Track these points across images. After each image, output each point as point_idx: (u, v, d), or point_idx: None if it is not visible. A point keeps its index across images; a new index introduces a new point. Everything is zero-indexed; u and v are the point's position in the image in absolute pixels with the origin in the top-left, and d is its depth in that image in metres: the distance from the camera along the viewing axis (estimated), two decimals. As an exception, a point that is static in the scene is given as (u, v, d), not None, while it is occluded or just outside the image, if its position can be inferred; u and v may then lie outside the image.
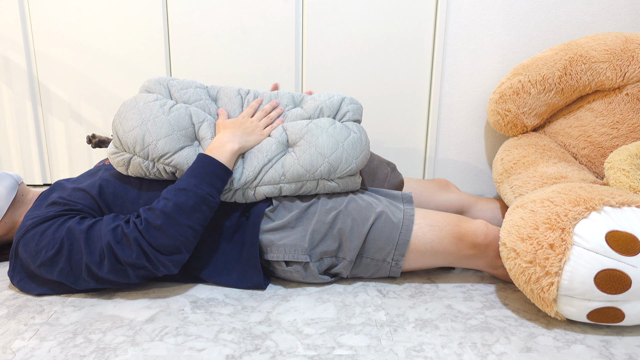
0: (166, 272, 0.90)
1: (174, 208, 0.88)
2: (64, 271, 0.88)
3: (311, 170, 0.99)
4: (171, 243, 0.88)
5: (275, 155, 1.00)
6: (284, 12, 1.44)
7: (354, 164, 1.01)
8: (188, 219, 0.89)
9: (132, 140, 0.96)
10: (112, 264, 0.87)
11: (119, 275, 0.89)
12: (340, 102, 1.07)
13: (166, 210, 0.88)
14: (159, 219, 0.87)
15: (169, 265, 0.89)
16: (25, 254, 0.90)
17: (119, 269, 0.88)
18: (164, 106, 1.00)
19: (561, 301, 0.81)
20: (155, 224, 0.87)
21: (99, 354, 0.76)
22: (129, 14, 1.44)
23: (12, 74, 1.49)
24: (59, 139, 1.54)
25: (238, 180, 0.97)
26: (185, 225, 0.89)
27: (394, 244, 0.97)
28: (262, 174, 0.99)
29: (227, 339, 0.81)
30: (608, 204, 0.83)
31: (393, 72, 1.48)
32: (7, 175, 1.05)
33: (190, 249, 0.91)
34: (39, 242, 0.88)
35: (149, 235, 0.87)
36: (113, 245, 0.86)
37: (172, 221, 0.88)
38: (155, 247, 0.87)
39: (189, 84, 1.10)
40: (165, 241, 0.87)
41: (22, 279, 0.94)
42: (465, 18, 1.43)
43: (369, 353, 0.77)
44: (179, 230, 0.88)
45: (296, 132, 1.02)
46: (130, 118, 0.98)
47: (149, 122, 0.97)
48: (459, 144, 1.54)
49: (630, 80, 1.25)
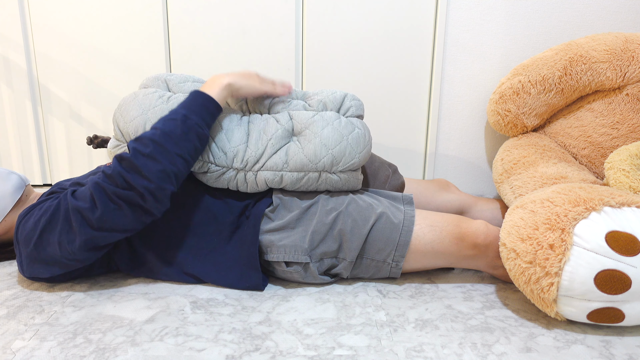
0: (157, 205, 0.88)
1: (162, 136, 0.88)
2: (64, 230, 0.87)
3: (314, 161, 0.99)
4: (161, 168, 0.86)
5: (279, 140, 1.00)
6: (284, 12, 1.44)
7: (356, 158, 1.01)
8: (177, 147, 0.89)
9: (134, 129, 0.99)
10: (105, 204, 0.85)
11: (114, 217, 0.86)
12: (343, 97, 1.08)
13: (154, 139, 0.88)
14: (148, 147, 0.87)
15: (160, 195, 0.87)
16: (24, 232, 0.90)
17: (112, 209, 0.86)
18: (162, 97, 1.03)
19: (561, 301, 0.81)
20: (144, 151, 0.86)
21: (99, 354, 0.76)
22: (129, 13, 1.44)
23: (12, 74, 1.49)
24: (59, 139, 1.54)
25: (242, 159, 0.98)
26: (174, 153, 0.88)
27: (395, 245, 0.97)
28: (265, 157, 0.99)
29: (227, 339, 0.81)
30: (608, 204, 0.83)
31: (393, 72, 1.48)
32: (16, 175, 1.06)
33: (179, 181, 0.91)
34: (37, 215, 0.89)
35: (139, 162, 0.85)
36: (101, 182, 0.86)
37: (161, 149, 0.87)
38: (145, 175, 0.85)
39: (187, 78, 1.12)
40: (154, 167, 0.86)
41: (29, 264, 0.92)
42: (465, 18, 1.43)
43: (369, 353, 0.77)
44: (168, 158, 0.88)
45: (302, 121, 1.02)
46: (130, 109, 1.00)
47: (149, 111, 1.00)
48: (459, 144, 1.54)
49: (631, 81, 1.25)
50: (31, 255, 0.91)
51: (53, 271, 0.93)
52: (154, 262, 0.99)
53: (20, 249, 0.92)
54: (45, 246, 0.89)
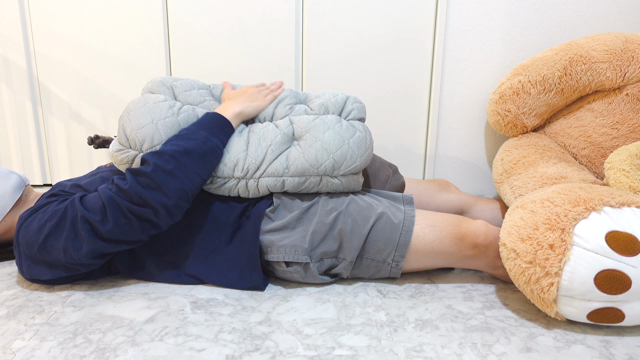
0: (169, 220, 0.91)
1: (185, 154, 0.90)
2: (70, 237, 0.87)
3: (315, 165, 0.99)
4: (180, 186, 0.89)
5: (279, 146, 1.00)
6: (284, 12, 1.44)
7: (358, 161, 1.01)
8: (197, 166, 0.92)
9: (141, 138, 0.97)
10: (116, 218, 0.87)
11: (124, 230, 0.88)
12: (345, 100, 1.08)
13: (177, 156, 0.90)
14: (170, 164, 0.89)
15: (175, 211, 0.90)
16: (27, 236, 0.89)
17: (123, 223, 0.87)
18: (172, 107, 1.02)
19: (561, 301, 0.81)
20: (166, 168, 0.88)
21: (99, 354, 0.76)
22: (129, 14, 1.44)
23: (12, 74, 1.49)
24: (59, 139, 1.54)
25: (242, 168, 0.98)
26: (195, 172, 0.91)
27: (395, 245, 0.97)
28: (265, 164, 0.99)
29: (227, 339, 0.81)
30: (608, 204, 0.83)
31: (393, 72, 1.48)
32: (15, 174, 1.06)
33: (192, 199, 0.93)
34: (41, 219, 0.89)
35: (159, 177, 0.87)
36: (115, 197, 0.87)
37: (182, 166, 0.90)
38: (164, 191, 0.87)
39: (192, 85, 1.11)
40: (174, 184, 0.88)
41: (29, 265, 0.93)
42: (465, 18, 1.43)
43: (369, 353, 0.77)
44: (189, 176, 0.90)
45: (303, 125, 1.02)
46: (139, 116, 0.99)
47: (159, 122, 0.99)
48: (459, 144, 1.54)
49: (630, 81, 1.25)
50: (33, 258, 0.92)
51: (54, 274, 0.93)
52: (154, 266, 0.99)
53: (21, 251, 0.92)
54: (50, 251, 0.89)
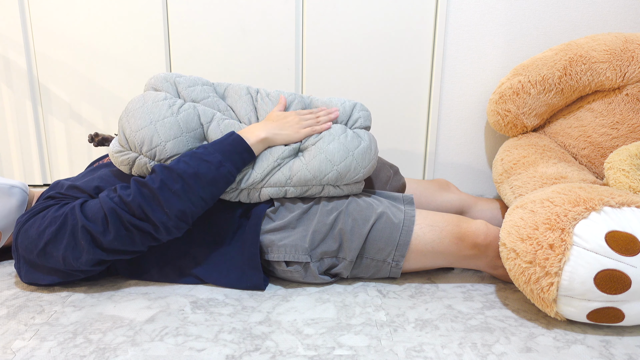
0: (168, 237, 0.91)
1: (193, 176, 0.89)
2: (70, 246, 0.87)
3: (318, 177, 0.98)
4: (182, 208, 0.88)
5: (284, 159, 1.00)
6: (284, 12, 1.44)
7: (361, 173, 1.01)
8: (204, 190, 0.90)
9: (140, 140, 0.96)
10: (117, 229, 0.87)
11: (124, 242, 0.88)
12: (352, 108, 1.07)
13: (185, 177, 0.88)
14: (177, 184, 0.88)
15: (174, 231, 0.90)
16: (26, 241, 0.89)
17: (124, 235, 0.87)
18: (172, 106, 1.00)
19: (561, 301, 0.81)
20: (172, 187, 0.87)
21: (99, 354, 0.76)
22: (129, 13, 1.44)
23: (12, 74, 1.49)
24: (59, 139, 1.54)
25: (246, 181, 0.98)
26: (199, 196, 0.90)
27: (395, 245, 0.97)
28: (269, 175, 0.99)
29: (227, 339, 0.81)
30: (608, 204, 0.83)
31: (393, 72, 1.48)
32: (18, 188, 1.06)
33: (193, 220, 0.92)
34: (40, 225, 0.88)
35: (163, 196, 0.87)
36: (117, 209, 0.86)
37: (188, 188, 0.88)
38: (165, 210, 0.87)
39: (196, 81, 1.09)
40: (176, 205, 0.88)
41: (28, 270, 0.93)
42: (465, 18, 1.43)
43: (369, 353, 0.77)
44: (192, 199, 0.89)
45: (309, 137, 1.02)
46: (138, 117, 0.97)
47: (158, 122, 0.97)
48: (459, 144, 1.54)
49: (630, 81, 1.25)
50: (32, 264, 0.92)
51: (53, 279, 0.94)
52: (154, 266, 0.99)
53: (20, 255, 0.92)
54: (49, 258, 0.89)
